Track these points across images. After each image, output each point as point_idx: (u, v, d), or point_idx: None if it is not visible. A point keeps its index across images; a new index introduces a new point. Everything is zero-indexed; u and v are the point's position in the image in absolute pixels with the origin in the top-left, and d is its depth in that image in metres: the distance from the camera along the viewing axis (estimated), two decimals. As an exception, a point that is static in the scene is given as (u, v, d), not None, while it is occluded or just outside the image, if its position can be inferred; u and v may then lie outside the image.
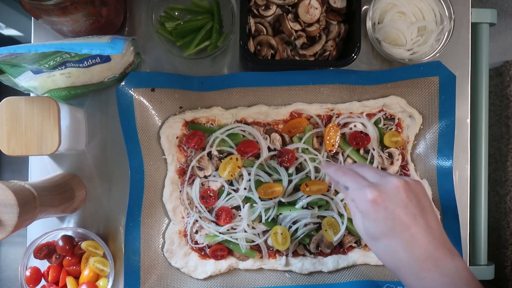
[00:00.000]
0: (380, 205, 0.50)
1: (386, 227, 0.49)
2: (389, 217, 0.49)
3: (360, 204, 0.51)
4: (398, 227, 0.49)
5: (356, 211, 0.52)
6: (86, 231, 0.71)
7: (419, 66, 0.74)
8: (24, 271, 0.69)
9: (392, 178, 0.51)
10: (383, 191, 0.50)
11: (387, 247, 0.50)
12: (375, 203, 0.50)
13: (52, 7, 0.57)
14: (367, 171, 0.55)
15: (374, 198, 0.50)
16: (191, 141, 0.73)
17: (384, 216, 0.49)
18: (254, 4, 0.72)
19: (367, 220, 0.51)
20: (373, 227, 0.50)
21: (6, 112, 0.63)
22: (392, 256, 0.50)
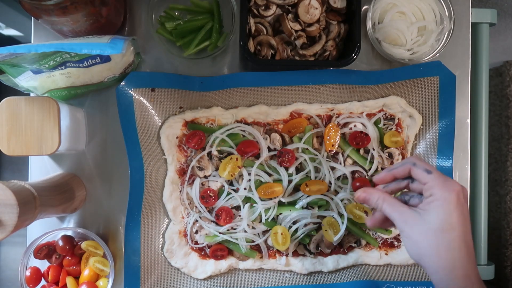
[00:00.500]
0: (461, 199, 0.51)
1: (463, 221, 0.50)
2: (465, 214, 0.51)
3: (445, 191, 0.51)
4: (468, 226, 0.51)
5: (431, 200, 0.52)
6: (86, 231, 0.71)
7: (419, 66, 0.74)
8: (24, 271, 0.69)
9: (454, 180, 0.54)
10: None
11: (453, 242, 0.50)
12: (459, 194, 0.51)
13: (52, 7, 0.57)
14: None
15: (460, 190, 0.51)
16: (191, 141, 0.73)
17: (462, 211, 0.51)
18: (254, 4, 0.72)
19: (448, 208, 0.50)
20: (452, 217, 0.50)
21: (6, 112, 0.63)
22: (455, 250, 0.50)
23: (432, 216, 0.51)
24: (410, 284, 0.75)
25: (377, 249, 0.76)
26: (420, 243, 0.51)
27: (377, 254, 0.76)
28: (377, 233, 0.76)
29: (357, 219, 0.74)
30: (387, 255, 0.76)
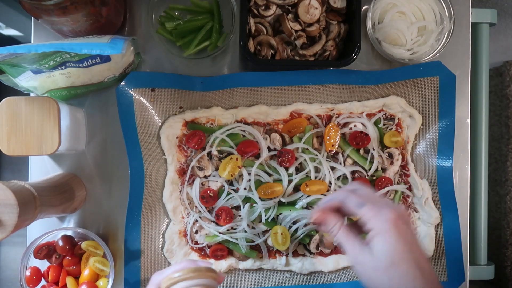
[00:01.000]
0: (400, 225, 0.49)
1: (409, 248, 0.48)
2: (410, 239, 0.49)
3: (381, 222, 0.49)
4: (417, 249, 0.49)
5: (372, 234, 0.50)
6: (86, 231, 0.71)
7: (419, 66, 0.74)
8: (24, 271, 0.69)
9: (388, 207, 0.51)
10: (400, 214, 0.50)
11: (406, 274, 0.48)
12: (396, 221, 0.49)
13: (52, 7, 0.57)
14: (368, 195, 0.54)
15: (395, 216, 0.49)
16: (191, 141, 0.73)
17: (405, 238, 0.48)
18: (254, 4, 0.72)
19: (389, 241, 0.48)
20: (396, 249, 0.48)
21: (6, 112, 0.63)
22: (410, 282, 0.48)
23: (378, 252, 0.49)
24: (410, 284, 0.75)
25: (377, 249, 0.76)
26: (374, 280, 0.50)
27: (377, 254, 0.76)
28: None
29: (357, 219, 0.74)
30: (387, 255, 0.76)
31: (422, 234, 0.75)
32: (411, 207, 0.77)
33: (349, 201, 0.53)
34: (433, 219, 0.74)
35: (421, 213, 0.76)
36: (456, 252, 0.74)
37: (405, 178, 0.77)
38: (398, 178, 0.77)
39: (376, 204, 0.51)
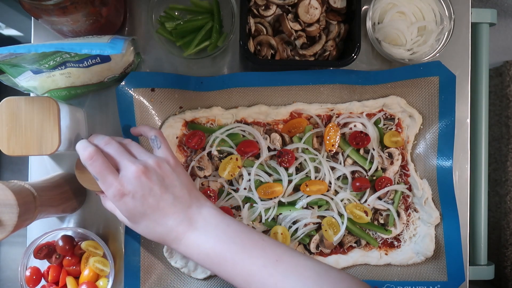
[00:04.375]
0: (126, 196, 0.56)
1: (141, 211, 0.57)
2: (139, 204, 0.56)
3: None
4: (149, 210, 0.57)
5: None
6: (86, 231, 0.71)
7: (419, 66, 0.74)
8: (24, 271, 0.69)
9: (130, 165, 0.56)
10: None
11: (147, 227, 0.58)
12: (122, 195, 0.56)
13: (52, 7, 0.57)
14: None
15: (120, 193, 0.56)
16: (191, 141, 0.73)
17: (135, 204, 0.56)
18: (254, 4, 0.72)
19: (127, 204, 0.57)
20: (133, 210, 0.57)
21: (6, 112, 0.63)
22: (153, 233, 0.58)
23: (122, 211, 0.59)
24: (410, 284, 0.75)
25: (377, 249, 0.76)
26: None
27: (377, 254, 0.76)
28: (377, 233, 0.76)
29: (357, 219, 0.74)
30: (387, 255, 0.76)
31: (422, 234, 0.76)
32: (411, 207, 0.77)
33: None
34: (433, 219, 0.74)
35: (421, 213, 0.76)
36: (456, 252, 0.74)
37: (405, 178, 0.77)
38: (398, 178, 0.77)
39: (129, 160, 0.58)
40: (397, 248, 0.76)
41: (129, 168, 0.56)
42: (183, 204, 0.58)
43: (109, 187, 0.56)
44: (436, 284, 0.74)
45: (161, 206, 0.57)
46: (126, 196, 0.55)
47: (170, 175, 0.59)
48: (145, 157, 0.59)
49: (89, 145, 0.58)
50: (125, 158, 0.57)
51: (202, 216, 0.59)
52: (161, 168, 0.58)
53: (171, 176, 0.59)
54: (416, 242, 0.76)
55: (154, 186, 0.56)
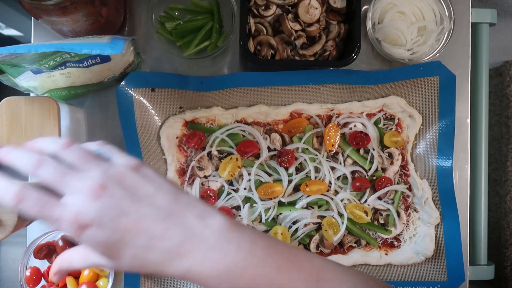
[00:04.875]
0: (89, 228, 0.39)
1: (118, 239, 0.40)
2: (111, 231, 0.40)
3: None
4: (127, 235, 0.39)
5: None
6: (86, 231, 0.71)
7: (419, 66, 0.74)
8: (24, 271, 0.69)
9: (79, 184, 0.40)
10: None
11: (134, 258, 0.40)
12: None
13: (52, 7, 0.57)
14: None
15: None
16: (191, 141, 0.73)
17: (105, 233, 0.40)
18: (254, 4, 0.72)
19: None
20: (106, 243, 0.39)
21: (6, 112, 0.63)
22: (146, 263, 0.40)
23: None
24: (410, 284, 0.75)
25: (377, 249, 0.76)
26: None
27: (377, 254, 0.76)
28: (377, 233, 0.76)
29: (357, 219, 0.74)
30: (387, 255, 0.76)
31: (422, 234, 0.76)
32: (411, 207, 0.77)
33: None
34: (433, 219, 0.74)
35: (421, 213, 0.76)
36: (456, 252, 0.74)
37: (405, 178, 0.77)
38: (398, 178, 0.77)
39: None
40: (397, 248, 0.76)
41: (80, 188, 0.39)
42: (174, 214, 0.40)
43: (61, 223, 0.39)
44: (436, 284, 0.74)
45: (143, 226, 0.39)
46: (89, 227, 0.38)
47: (139, 182, 0.42)
48: (97, 169, 0.41)
49: (9, 183, 0.41)
50: (70, 177, 0.40)
51: (211, 229, 0.40)
52: (123, 176, 0.42)
53: (141, 182, 0.42)
54: (416, 242, 0.76)
55: (122, 202, 0.39)
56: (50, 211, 0.40)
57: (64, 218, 0.39)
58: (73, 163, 0.42)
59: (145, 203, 0.40)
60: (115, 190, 0.40)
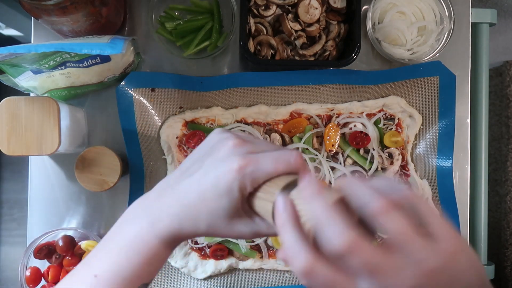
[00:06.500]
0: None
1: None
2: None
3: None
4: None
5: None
6: (86, 231, 0.71)
7: (419, 66, 0.74)
8: (24, 271, 0.69)
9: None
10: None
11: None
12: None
13: (52, 7, 0.57)
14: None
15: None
16: (191, 141, 0.73)
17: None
18: (254, 4, 0.72)
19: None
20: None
21: (6, 112, 0.63)
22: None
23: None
24: (410, 284, 0.74)
25: (377, 249, 0.76)
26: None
27: (377, 254, 0.76)
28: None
29: (357, 219, 0.74)
30: (387, 255, 0.76)
31: (422, 234, 0.75)
32: (411, 207, 0.77)
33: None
34: (433, 219, 0.74)
35: (421, 213, 0.76)
36: (456, 252, 0.74)
37: (405, 178, 0.77)
38: (398, 178, 0.77)
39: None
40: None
41: (394, 282, 0.29)
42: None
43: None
44: (436, 284, 0.74)
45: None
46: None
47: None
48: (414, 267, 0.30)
49: (301, 248, 0.31)
50: (396, 257, 0.30)
51: None
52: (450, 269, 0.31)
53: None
54: (416, 242, 0.76)
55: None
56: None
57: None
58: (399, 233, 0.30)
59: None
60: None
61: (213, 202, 0.37)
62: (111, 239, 0.41)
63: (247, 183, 0.36)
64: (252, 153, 0.37)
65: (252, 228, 0.39)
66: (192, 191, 0.38)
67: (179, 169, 0.41)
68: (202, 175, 0.38)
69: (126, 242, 0.39)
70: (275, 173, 0.36)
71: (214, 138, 0.41)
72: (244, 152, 0.37)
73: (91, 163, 0.68)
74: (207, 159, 0.39)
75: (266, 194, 0.36)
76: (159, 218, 0.38)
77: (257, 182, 0.36)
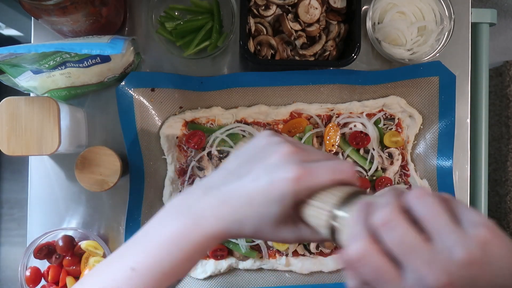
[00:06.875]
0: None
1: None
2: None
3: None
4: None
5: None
6: (86, 231, 0.71)
7: (419, 66, 0.74)
8: (24, 271, 0.69)
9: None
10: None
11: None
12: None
13: (52, 7, 0.57)
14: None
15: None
16: (191, 141, 0.73)
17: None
18: (254, 4, 0.72)
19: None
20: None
21: (6, 112, 0.63)
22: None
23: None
24: (410, 284, 0.75)
25: (377, 249, 0.76)
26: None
27: (377, 254, 0.76)
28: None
29: (357, 219, 0.74)
30: (387, 255, 0.76)
31: (422, 234, 0.76)
32: (411, 207, 0.77)
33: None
34: (433, 219, 0.74)
35: (421, 213, 0.76)
36: (456, 252, 0.74)
37: (405, 178, 0.77)
38: (398, 178, 0.77)
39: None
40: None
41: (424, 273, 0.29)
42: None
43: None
44: (436, 284, 0.74)
45: None
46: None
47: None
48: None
49: (361, 234, 0.32)
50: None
51: None
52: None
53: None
54: (416, 242, 0.76)
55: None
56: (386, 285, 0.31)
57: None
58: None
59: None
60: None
61: (263, 207, 0.37)
62: (150, 234, 0.41)
63: (302, 192, 0.36)
64: (306, 162, 0.37)
65: (296, 234, 0.40)
66: (241, 194, 0.38)
67: (224, 169, 0.41)
68: (252, 180, 0.38)
69: (168, 238, 0.39)
70: (331, 184, 0.37)
71: (261, 141, 0.41)
72: (298, 161, 0.37)
73: (91, 163, 0.68)
74: (257, 163, 0.39)
75: (321, 203, 0.36)
76: (205, 217, 0.38)
77: (311, 191, 0.37)
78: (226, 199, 0.38)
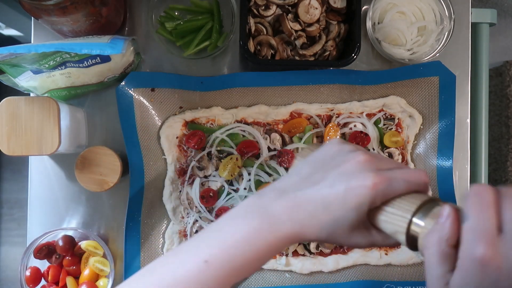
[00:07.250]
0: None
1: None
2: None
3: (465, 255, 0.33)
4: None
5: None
6: (87, 231, 0.71)
7: (419, 66, 0.74)
8: (24, 271, 0.69)
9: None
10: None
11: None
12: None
13: (52, 7, 0.57)
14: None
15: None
16: (191, 141, 0.73)
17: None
18: (254, 4, 0.72)
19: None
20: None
21: (6, 112, 0.63)
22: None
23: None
24: (410, 284, 0.75)
25: (377, 249, 0.76)
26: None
27: (377, 254, 0.76)
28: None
29: (357, 219, 0.74)
30: (387, 255, 0.76)
31: (422, 234, 0.76)
32: (411, 207, 0.77)
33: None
34: (433, 219, 0.74)
35: (421, 213, 0.76)
36: (456, 252, 0.74)
37: (405, 178, 0.77)
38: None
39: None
40: (397, 248, 0.76)
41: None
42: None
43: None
44: (436, 284, 0.74)
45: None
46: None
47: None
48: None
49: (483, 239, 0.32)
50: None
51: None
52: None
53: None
54: (416, 242, 0.76)
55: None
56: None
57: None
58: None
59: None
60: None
61: (339, 213, 0.38)
62: (223, 230, 0.41)
63: (378, 199, 0.38)
64: (381, 170, 0.38)
65: (368, 239, 0.41)
66: (317, 200, 0.39)
67: (297, 174, 0.42)
68: (328, 186, 0.39)
69: (243, 236, 0.39)
70: (406, 192, 0.38)
71: (333, 148, 0.42)
72: (374, 168, 0.38)
73: (91, 163, 0.68)
74: (331, 170, 0.40)
75: (398, 210, 0.38)
76: (280, 220, 0.39)
77: (386, 199, 0.38)
78: (301, 204, 0.40)
